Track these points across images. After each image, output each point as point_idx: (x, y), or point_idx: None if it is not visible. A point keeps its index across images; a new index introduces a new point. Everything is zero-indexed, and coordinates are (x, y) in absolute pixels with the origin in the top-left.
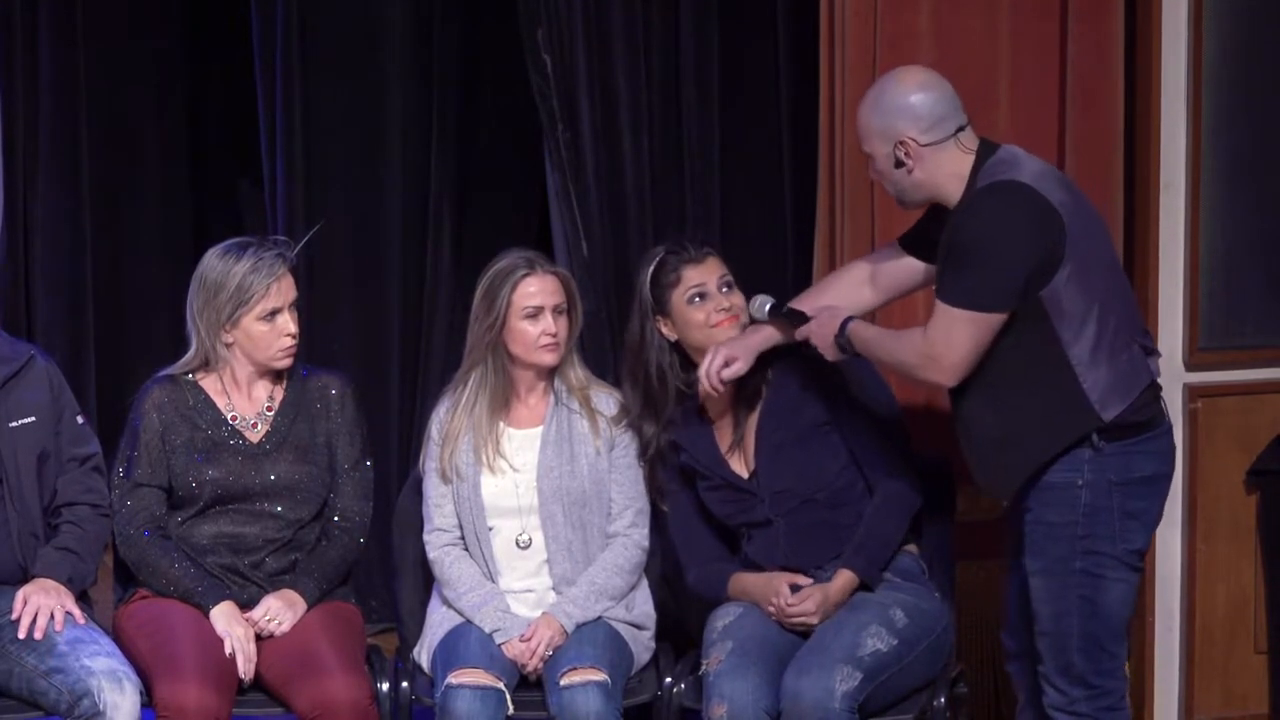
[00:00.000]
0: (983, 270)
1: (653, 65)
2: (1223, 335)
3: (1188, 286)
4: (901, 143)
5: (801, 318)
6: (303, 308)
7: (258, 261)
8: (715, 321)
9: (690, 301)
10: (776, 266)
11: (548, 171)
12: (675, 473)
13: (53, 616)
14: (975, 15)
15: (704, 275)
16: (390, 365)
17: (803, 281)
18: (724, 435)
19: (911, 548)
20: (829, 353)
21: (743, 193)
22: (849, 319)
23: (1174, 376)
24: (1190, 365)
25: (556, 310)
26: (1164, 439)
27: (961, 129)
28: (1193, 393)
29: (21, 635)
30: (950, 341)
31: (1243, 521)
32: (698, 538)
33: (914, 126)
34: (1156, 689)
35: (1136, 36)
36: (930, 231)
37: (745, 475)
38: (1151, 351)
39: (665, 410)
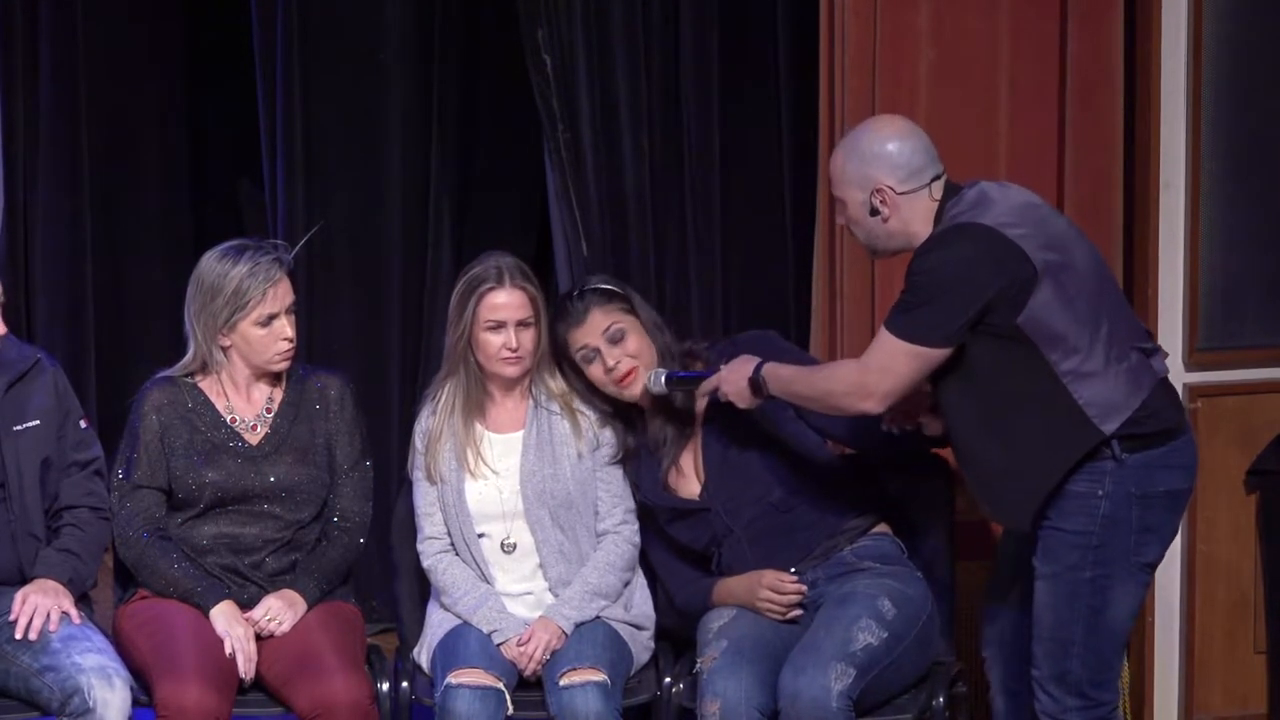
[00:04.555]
0: (932, 306)
1: (653, 65)
2: (1223, 335)
3: (1188, 286)
4: (878, 190)
5: (700, 378)
6: (302, 308)
7: (254, 266)
8: (616, 379)
9: (586, 361)
10: (776, 266)
11: (548, 171)
12: (640, 507)
13: (48, 617)
14: (975, 15)
15: (586, 335)
16: (390, 365)
17: (803, 282)
18: (669, 462)
19: (884, 528)
20: (741, 400)
21: (743, 192)
22: (762, 362)
23: (1174, 377)
24: (1190, 365)
25: (521, 324)
26: (1187, 451)
27: (936, 178)
28: (1193, 393)
29: (18, 635)
30: (888, 370)
31: (1243, 521)
32: (676, 564)
33: (892, 175)
34: (1156, 689)
35: (1136, 36)
36: None
37: (696, 493)
38: (1152, 352)
39: (625, 426)
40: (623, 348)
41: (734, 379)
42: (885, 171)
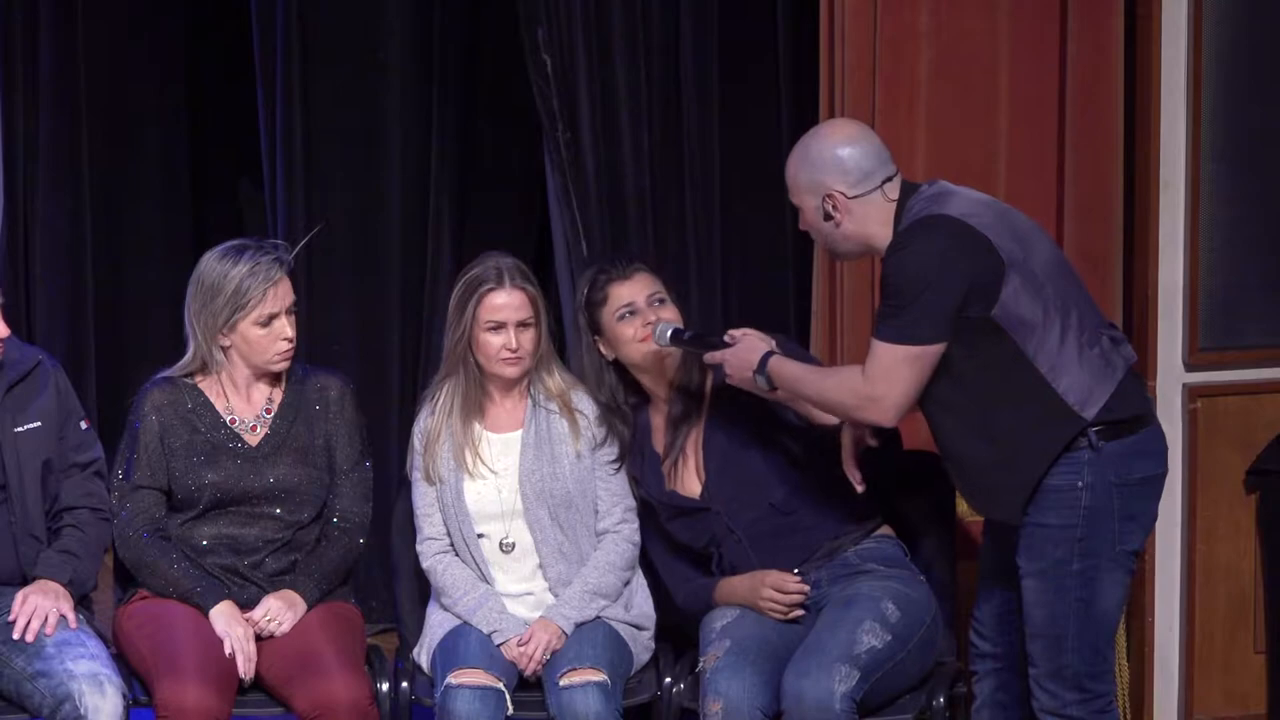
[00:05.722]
0: (914, 304)
1: (653, 65)
2: (1223, 335)
3: (1188, 286)
4: (829, 196)
5: (709, 344)
6: (302, 307)
7: (254, 266)
8: (643, 336)
9: (620, 319)
10: (776, 266)
11: (548, 171)
12: (640, 503)
13: (46, 619)
14: (975, 15)
15: (632, 292)
16: (390, 365)
17: (803, 282)
18: (670, 459)
19: (887, 530)
20: (744, 384)
21: (742, 193)
22: (770, 354)
23: (1174, 376)
24: (1190, 365)
25: (521, 325)
26: (1159, 436)
27: (888, 180)
28: (1193, 393)
29: (16, 636)
30: (892, 380)
31: (1243, 521)
32: (676, 561)
33: (841, 180)
34: (1156, 689)
35: (1136, 36)
36: None
37: (697, 493)
38: (1120, 340)
39: (627, 424)
40: (662, 311)
41: (739, 363)
42: (835, 177)
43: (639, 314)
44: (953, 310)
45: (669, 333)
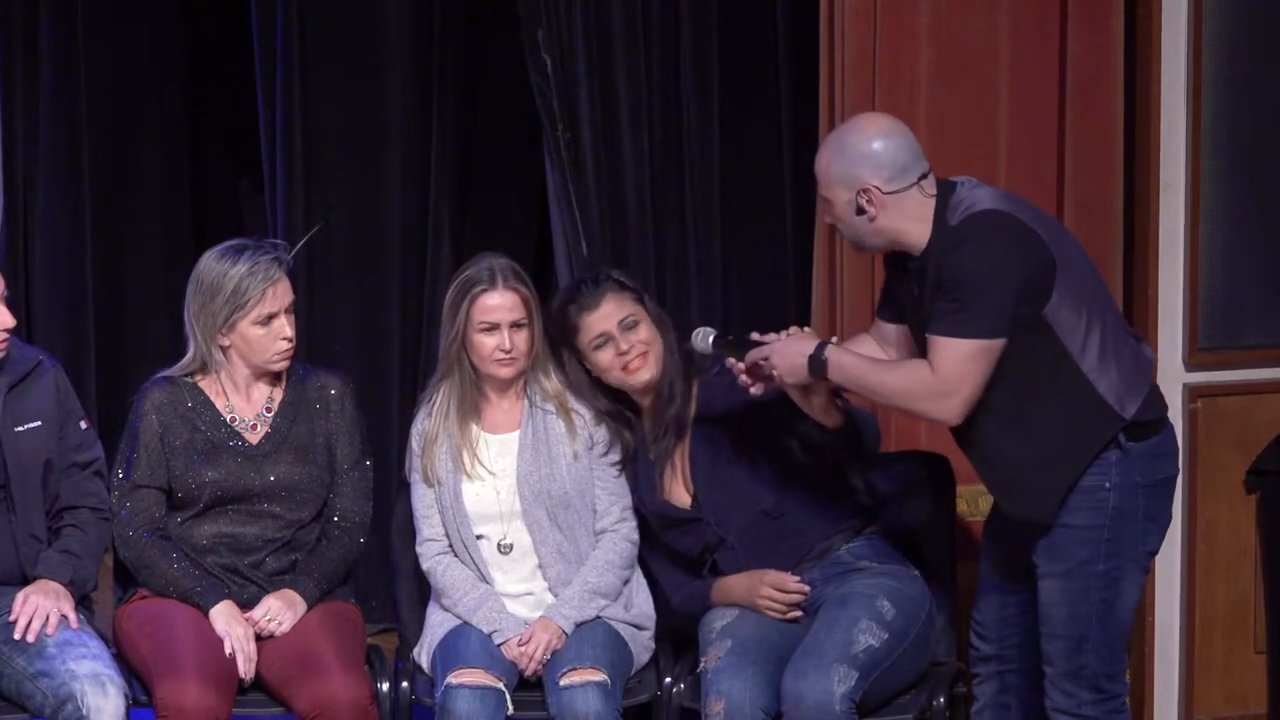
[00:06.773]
0: (980, 299)
1: (653, 65)
2: (1223, 335)
3: (1188, 286)
4: (864, 190)
5: (751, 344)
6: (303, 308)
7: (254, 265)
8: (624, 365)
9: (596, 348)
10: (776, 266)
11: (548, 171)
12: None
13: (47, 619)
14: (975, 15)
15: (602, 321)
16: (390, 365)
17: (803, 282)
18: (663, 468)
19: (878, 528)
20: (791, 375)
21: (743, 192)
22: (827, 342)
23: (1174, 376)
24: (1190, 365)
25: (514, 326)
26: (1173, 438)
27: (924, 176)
28: (1193, 393)
29: (17, 636)
30: (963, 375)
31: (1243, 521)
32: (671, 567)
33: (878, 175)
34: (1156, 689)
35: (1136, 36)
36: (896, 290)
37: (688, 503)
38: (1141, 341)
39: (631, 428)
40: (635, 334)
41: (789, 352)
42: (871, 171)
43: (612, 341)
44: (1014, 305)
45: (710, 338)
